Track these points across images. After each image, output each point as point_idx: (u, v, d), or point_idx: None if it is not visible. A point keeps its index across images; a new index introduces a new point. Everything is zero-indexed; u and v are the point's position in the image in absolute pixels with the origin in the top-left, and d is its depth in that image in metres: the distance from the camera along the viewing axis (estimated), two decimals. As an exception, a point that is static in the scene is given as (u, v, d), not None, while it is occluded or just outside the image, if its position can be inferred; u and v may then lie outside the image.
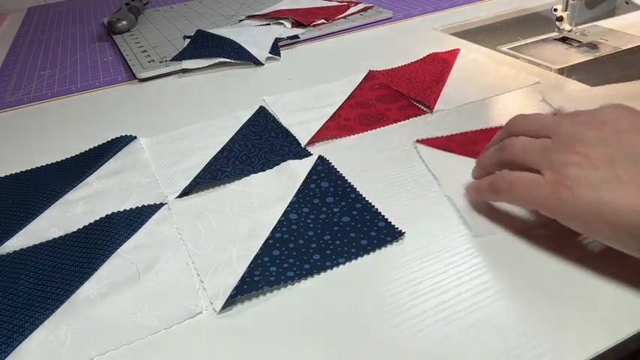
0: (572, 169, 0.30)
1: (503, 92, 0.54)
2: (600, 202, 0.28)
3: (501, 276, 0.32)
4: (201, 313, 0.31)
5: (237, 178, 0.43)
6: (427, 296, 0.31)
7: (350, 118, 0.52)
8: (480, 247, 0.34)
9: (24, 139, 0.55)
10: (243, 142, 0.49)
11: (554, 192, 0.30)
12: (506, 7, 0.83)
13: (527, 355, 0.27)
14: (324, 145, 0.48)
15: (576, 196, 0.29)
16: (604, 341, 0.27)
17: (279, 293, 0.32)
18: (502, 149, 0.34)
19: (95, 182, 0.45)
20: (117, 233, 0.38)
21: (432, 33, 0.75)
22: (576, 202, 0.29)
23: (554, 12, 0.71)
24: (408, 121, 0.50)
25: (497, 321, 0.29)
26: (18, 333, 0.30)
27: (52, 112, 0.62)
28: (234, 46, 0.71)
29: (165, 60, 0.72)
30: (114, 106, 0.61)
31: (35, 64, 0.79)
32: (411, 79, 0.59)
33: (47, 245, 0.38)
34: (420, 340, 0.28)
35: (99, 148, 0.50)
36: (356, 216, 0.38)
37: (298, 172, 0.43)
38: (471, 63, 0.62)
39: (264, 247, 0.35)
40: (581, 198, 0.29)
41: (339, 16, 0.83)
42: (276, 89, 0.60)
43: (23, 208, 0.42)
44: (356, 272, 0.33)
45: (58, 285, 0.34)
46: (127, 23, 0.87)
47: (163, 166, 0.47)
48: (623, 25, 0.74)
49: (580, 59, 0.65)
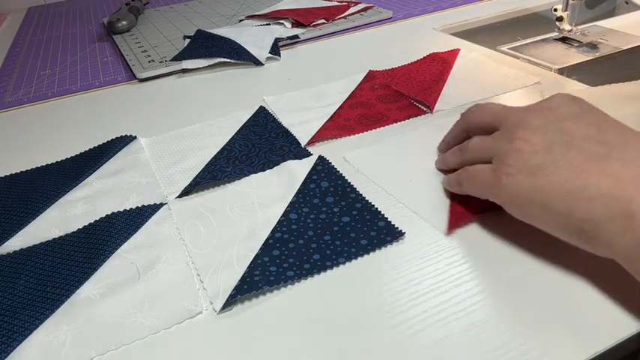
0: (514, 155, 0.32)
1: (503, 92, 0.54)
2: (537, 185, 0.30)
3: (502, 276, 0.32)
4: (201, 313, 0.31)
5: (237, 178, 0.43)
6: (427, 296, 0.31)
7: (350, 118, 0.52)
8: (481, 248, 0.34)
9: (24, 139, 0.55)
10: (243, 142, 0.49)
11: (497, 178, 0.32)
12: (506, 7, 0.83)
13: (527, 356, 0.27)
14: (324, 145, 0.48)
15: (515, 181, 0.31)
16: (603, 341, 0.27)
17: (279, 293, 0.32)
18: (462, 151, 0.38)
19: (95, 182, 0.45)
20: (117, 233, 0.38)
21: (432, 33, 0.75)
22: (515, 187, 0.31)
23: (554, 12, 0.71)
24: (408, 121, 0.50)
25: (497, 321, 0.29)
26: (18, 333, 0.30)
27: (52, 112, 0.62)
28: (234, 46, 0.71)
29: (165, 60, 0.72)
30: (114, 106, 0.61)
31: (35, 64, 0.79)
32: (411, 79, 0.59)
33: (47, 245, 0.38)
34: (420, 340, 0.28)
35: (99, 148, 0.50)
36: (356, 216, 0.38)
37: (298, 172, 0.43)
38: (470, 63, 0.62)
39: (264, 247, 0.35)
40: (520, 183, 0.31)
41: (339, 16, 0.83)
42: (276, 89, 0.60)
43: (23, 208, 0.42)
44: (356, 272, 0.33)
45: (58, 285, 0.34)
46: (127, 23, 0.87)
47: (163, 166, 0.47)
48: (623, 25, 0.74)
49: (580, 59, 0.65)
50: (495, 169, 0.33)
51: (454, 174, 0.38)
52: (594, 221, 0.28)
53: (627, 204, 0.27)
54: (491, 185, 0.33)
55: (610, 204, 0.27)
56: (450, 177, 0.38)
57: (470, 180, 0.35)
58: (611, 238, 0.27)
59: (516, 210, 0.32)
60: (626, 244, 0.27)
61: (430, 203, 0.38)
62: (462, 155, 0.38)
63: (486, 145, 0.35)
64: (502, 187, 0.32)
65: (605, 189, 0.28)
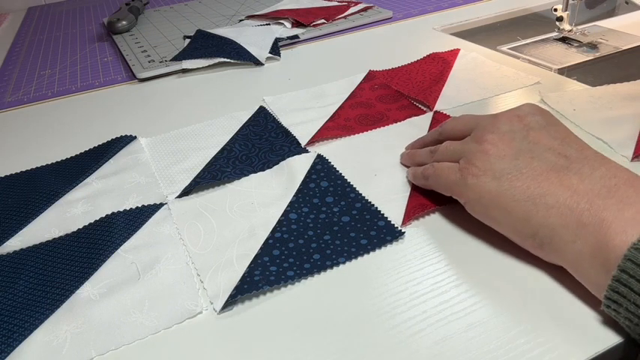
0: (480, 156, 0.33)
1: (503, 92, 0.54)
2: (500, 189, 0.32)
3: (502, 276, 0.32)
4: (201, 313, 0.31)
5: (237, 178, 0.43)
6: (427, 296, 0.31)
7: (350, 118, 0.52)
8: (481, 248, 0.34)
9: (24, 139, 0.55)
10: (243, 142, 0.49)
11: (463, 178, 0.34)
12: (506, 7, 0.83)
13: (528, 356, 0.27)
14: (324, 145, 0.48)
15: (480, 182, 0.33)
16: (604, 341, 0.27)
17: (279, 293, 0.32)
18: (432, 153, 0.39)
19: (95, 182, 0.45)
20: (117, 233, 0.38)
21: (432, 33, 0.75)
22: (479, 188, 0.33)
23: (554, 12, 0.71)
24: (407, 121, 0.50)
25: (497, 321, 0.29)
26: (18, 333, 0.30)
27: (52, 112, 0.62)
28: (234, 46, 0.71)
29: (165, 60, 0.72)
30: (114, 106, 0.61)
31: (35, 64, 0.79)
32: (411, 79, 0.59)
33: (47, 245, 0.38)
34: (420, 340, 0.28)
35: (99, 148, 0.50)
36: (356, 215, 0.38)
37: (298, 170, 0.43)
38: (470, 63, 0.62)
39: (264, 246, 0.35)
40: (484, 184, 0.32)
41: (339, 16, 0.83)
42: (276, 89, 0.60)
43: (23, 208, 0.42)
44: (356, 272, 0.33)
45: (57, 285, 0.34)
46: (127, 23, 0.87)
47: (163, 166, 0.47)
48: (623, 25, 0.74)
49: (580, 59, 0.65)
50: (462, 168, 0.34)
51: (421, 167, 0.39)
52: (549, 227, 0.29)
53: (580, 215, 0.28)
54: (456, 183, 0.34)
55: (565, 213, 0.29)
56: (416, 169, 0.40)
57: (436, 175, 0.36)
58: (563, 245, 0.29)
59: (477, 209, 0.34)
60: (576, 251, 0.28)
61: (390, 196, 0.39)
62: (432, 156, 0.39)
63: (456, 148, 0.37)
64: (467, 186, 0.33)
65: (562, 199, 0.29)
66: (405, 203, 0.39)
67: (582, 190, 0.29)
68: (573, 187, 0.29)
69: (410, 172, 0.41)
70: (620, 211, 0.27)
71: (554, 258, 0.30)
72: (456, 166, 0.35)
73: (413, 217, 0.37)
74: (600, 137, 0.44)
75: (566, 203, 0.29)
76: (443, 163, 0.37)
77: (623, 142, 0.43)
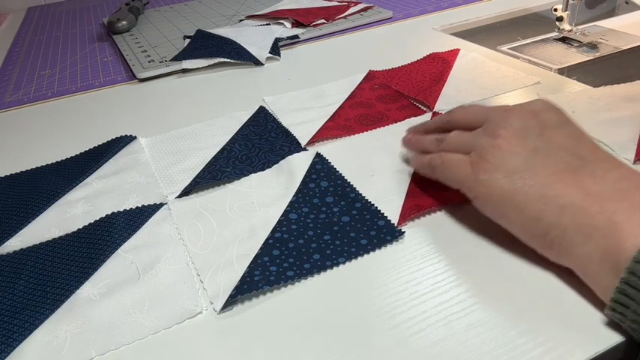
0: (493, 152, 0.32)
1: (503, 92, 0.54)
2: (513, 186, 0.31)
3: (502, 276, 0.32)
4: (201, 313, 0.31)
5: (237, 178, 0.43)
6: (427, 296, 0.31)
7: (350, 118, 0.52)
8: (481, 248, 0.34)
9: (24, 139, 0.55)
10: (243, 142, 0.49)
11: (474, 173, 0.33)
12: (506, 7, 0.83)
13: (528, 356, 0.27)
14: (324, 145, 0.48)
15: (492, 178, 0.32)
16: (604, 341, 0.27)
17: (279, 293, 0.32)
18: (441, 141, 0.38)
19: (95, 182, 0.45)
20: (117, 233, 0.38)
21: (432, 33, 0.75)
22: (491, 184, 0.32)
23: (554, 12, 0.71)
24: (408, 121, 0.50)
25: (497, 321, 0.29)
26: (18, 333, 0.30)
27: (52, 112, 0.62)
28: (234, 46, 0.71)
29: (165, 60, 0.72)
30: (114, 106, 0.61)
31: (35, 64, 0.79)
32: (411, 79, 0.59)
33: (47, 245, 0.38)
34: (420, 340, 0.28)
35: (99, 148, 0.50)
36: (355, 215, 0.38)
37: (298, 170, 0.43)
38: (470, 63, 0.62)
39: (264, 246, 0.35)
40: (497, 180, 0.31)
41: (339, 16, 0.83)
42: (276, 89, 0.60)
43: (23, 208, 0.42)
44: (356, 272, 0.33)
45: (57, 285, 0.34)
46: (127, 23, 0.87)
47: (163, 166, 0.47)
48: (623, 25, 0.74)
49: (580, 59, 0.65)
50: (473, 162, 0.33)
51: (428, 156, 0.37)
52: (561, 228, 0.29)
53: (592, 217, 0.28)
54: (467, 178, 0.33)
55: (578, 215, 0.28)
56: (421, 158, 0.38)
57: (445, 167, 0.35)
58: (574, 246, 0.28)
59: (487, 207, 0.33)
60: (586, 253, 0.28)
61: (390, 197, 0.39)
62: (438, 144, 0.37)
63: (466, 139, 0.35)
64: (478, 181, 0.32)
65: (575, 200, 0.29)
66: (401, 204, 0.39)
67: (595, 193, 0.29)
68: (587, 188, 0.29)
69: (414, 161, 0.39)
70: (631, 214, 0.27)
71: (562, 259, 0.30)
72: (466, 159, 0.34)
73: (408, 218, 0.37)
74: (601, 140, 0.43)
75: (580, 205, 0.28)
76: (452, 155, 0.35)
77: (624, 144, 0.42)
